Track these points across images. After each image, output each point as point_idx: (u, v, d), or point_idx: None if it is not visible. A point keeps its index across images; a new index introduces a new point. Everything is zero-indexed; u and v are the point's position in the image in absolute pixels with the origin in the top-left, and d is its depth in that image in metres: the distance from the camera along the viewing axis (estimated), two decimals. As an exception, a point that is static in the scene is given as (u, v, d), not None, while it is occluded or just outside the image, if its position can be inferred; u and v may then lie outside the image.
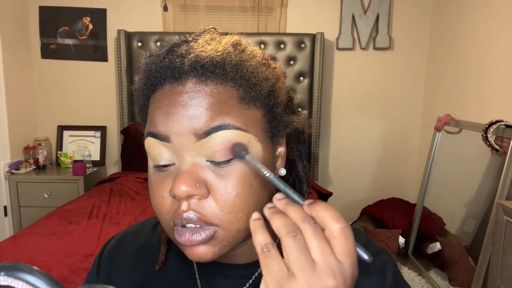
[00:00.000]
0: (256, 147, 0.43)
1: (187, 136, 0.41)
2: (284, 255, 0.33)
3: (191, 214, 0.40)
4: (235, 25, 2.86)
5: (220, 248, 0.42)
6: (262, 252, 0.33)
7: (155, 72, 0.44)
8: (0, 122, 2.56)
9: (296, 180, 0.53)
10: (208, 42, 0.45)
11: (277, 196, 0.37)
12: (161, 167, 0.43)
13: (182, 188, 0.39)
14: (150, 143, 0.43)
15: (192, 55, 0.42)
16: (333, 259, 0.31)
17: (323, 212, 0.33)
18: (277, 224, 0.33)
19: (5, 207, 2.61)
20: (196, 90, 0.41)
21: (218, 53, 0.43)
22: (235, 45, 0.45)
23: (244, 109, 0.43)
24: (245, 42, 0.47)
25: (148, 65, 0.45)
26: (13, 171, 2.60)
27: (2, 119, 2.57)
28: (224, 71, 0.42)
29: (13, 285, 0.25)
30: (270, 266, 0.32)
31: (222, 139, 0.40)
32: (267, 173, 0.38)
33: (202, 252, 0.42)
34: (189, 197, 0.40)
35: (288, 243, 0.32)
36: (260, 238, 0.34)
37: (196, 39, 0.46)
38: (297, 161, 0.53)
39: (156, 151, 0.43)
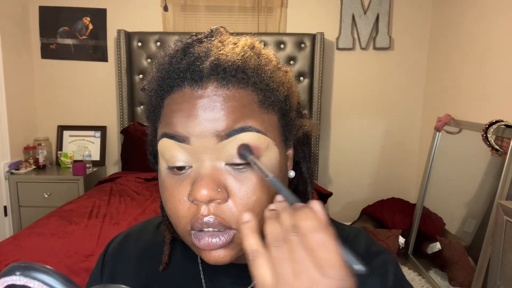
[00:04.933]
0: (274, 151, 0.43)
1: (208, 138, 0.40)
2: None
3: (210, 219, 0.40)
4: (235, 25, 2.86)
5: (237, 251, 0.42)
6: (251, 258, 0.33)
7: (172, 74, 0.43)
8: (0, 122, 2.56)
9: (300, 181, 0.54)
10: (224, 43, 0.45)
11: (278, 198, 0.37)
12: (176, 170, 0.43)
13: (204, 192, 0.39)
14: (166, 145, 0.43)
15: (212, 58, 0.42)
16: (315, 272, 0.30)
17: (302, 220, 0.32)
18: (267, 231, 0.34)
19: (5, 207, 2.61)
20: (218, 94, 0.41)
21: (239, 57, 0.43)
22: (251, 47, 0.46)
23: (264, 113, 0.43)
24: (258, 45, 0.47)
25: (163, 66, 0.45)
26: (13, 171, 2.60)
27: (2, 119, 2.57)
28: (245, 75, 0.42)
29: (29, 284, 0.25)
30: (257, 273, 0.32)
31: (244, 141, 0.40)
32: (268, 175, 0.38)
33: (220, 256, 0.41)
34: (209, 201, 0.40)
35: (272, 253, 0.32)
36: (249, 244, 0.34)
37: (210, 40, 0.45)
38: (301, 162, 0.53)
39: (173, 152, 0.42)
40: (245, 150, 0.40)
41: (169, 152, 0.42)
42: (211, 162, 0.41)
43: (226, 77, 0.41)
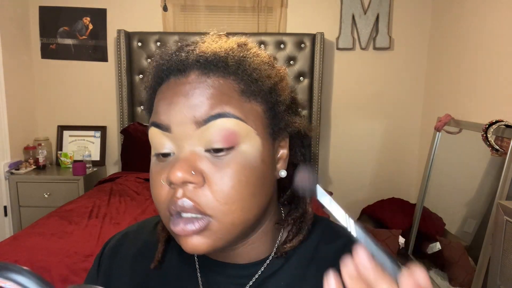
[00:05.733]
0: (255, 140, 0.43)
1: (187, 125, 0.42)
2: None
3: (185, 202, 0.41)
4: (235, 25, 2.86)
5: (215, 240, 0.42)
6: None
7: (162, 67, 0.46)
8: (0, 122, 2.56)
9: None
10: (215, 40, 0.47)
11: (363, 258, 0.29)
12: (162, 157, 0.44)
13: (178, 174, 0.40)
14: (153, 133, 0.45)
15: (198, 51, 0.45)
16: None
17: None
18: None
19: (5, 207, 2.61)
20: (198, 81, 0.43)
21: (222, 49, 0.45)
22: (241, 45, 0.47)
23: (245, 102, 0.44)
24: (251, 44, 0.49)
25: (157, 61, 0.47)
26: (13, 171, 2.60)
27: (2, 119, 2.57)
28: (226, 65, 0.44)
29: (2, 285, 0.24)
30: None
31: (221, 127, 0.41)
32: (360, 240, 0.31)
33: (196, 243, 0.42)
34: (184, 183, 0.41)
35: None
36: None
37: (204, 40, 0.48)
38: (300, 166, 0.53)
39: (158, 140, 0.44)
40: (320, 192, 0.35)
41: (155, 140, 0.44)
42: (190, 147, 0.42)
43: (207, 66, 0.43)
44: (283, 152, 0.49)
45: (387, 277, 0.29)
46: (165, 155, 0.44)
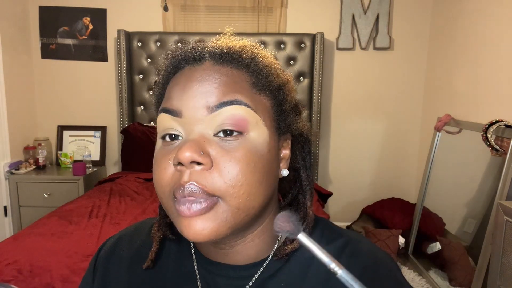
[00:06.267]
0: (263, 130, 0.45)
1: (199, 110, 0.43)
2: None
3: (192, 185, 0.40)
4: (235, 25, 2.84)
5: (219, 224, 0.41)
6: None
7: (177, 58, 0.48)
8: (0, 122, 2.56)
9: (300, 190, 0.53)
10: (229, 39, 0.49)
11: None
12: (168, 139, 0.45)
13: (186, 154, 0.40)
14: (162, 118, 0.45)
15: (213, 43, 0.47)
16: None
17: None
18: None
19: (5, 207, 2.61)
20: (212, 69, 0.45)
21: (237, 46, 0.47)
22: (253, 47, 0.49)
23: (255, 94, 0.45)
24: (261, 48, 0.51)
25: (173, 54, 0.49)
26: (13, 171, 2.60)
27: (2, 119, 2.57)
28: (240, 58, 0.46)
29: None
30: None
31: (232, 113, 0.42)
32: (333, 269, 0.33)
33: (200, 228, 0.41)
34: (191, 164, 0.40)
35: None
36: None
37: (219, 38, 0.50)
38: (301, 170, 0.53)
39: (167, 124, 0.45)
40: (294, 230, 0.35)
41: (164, 124, 0.45)
42: (199, 131, 0.43)
43: (222, 56, 0.46)
44: (285, 152, 0.50)
45: None
46: (173, 137, 0.44)
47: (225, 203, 0.41)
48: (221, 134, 0.42)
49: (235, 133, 0.43)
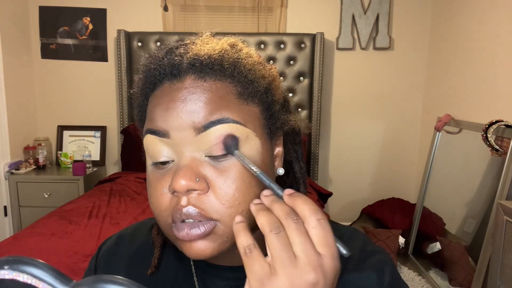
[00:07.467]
0: (255, 142, 0.43)
1: (186, 131, 0.41)
2: (268, 252, 0.34)
3: (190, 209, 0.40)
4: (235, 25, 2.86)
5: (220, 244, 0.42)
6: (244, 253, 0.34)
7: (154, 71, 0.45)
8: (0, 122, 2.56)
9: (294, 181, 0.53)
10: (206, 42, 0.46)
11: (264, 192, 0.39)
12: (160, 165, 0.43)
13: (182, 182, 0.39)
14: (149, 140, 0.43)
15: (190, 53, 0.44)
16: (314, 253, 0.33)
17: (301, 205, 0.35)
18: (262, 221, 0.35)
19: (5, 207, 2.61)
20: (195, 86, 0.42)
21: (216, 51, 0.44)
22: (232, 45, 0.47)
23: (242, 104, 0.43)
24: (241, 44, 0.48)
25: (147, 65, 0.46)
26: (13, 171, 2.60)
27: (2, 119, 2.57)
28: (222, 68, 0.43)
29: (17, 278, 0.24)
30: (252, 266, 0.33)
31: (221, 132, 0.41)
32: (254, 169, 0.39)
33: (201, 248, 0.41)
34: (188, 191, 0.40)
35: (271, 240, 0.34)
36: (242, 240, 0.35)
37: (194, 42, 0.47)
38: (294, 162, 0.53)
39: (155, 148, 0.43)
40: (230, 142, 0.41)
41: (152, 147, 0.43)
42: (190, 153, 0.41)
43: (203, 69, 0.43)
44: (279, 150, 0.50)
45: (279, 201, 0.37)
46: (163, 163, 0.43)
47: (224, 226, 0.41)
48: (212, 156, 0.42)
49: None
